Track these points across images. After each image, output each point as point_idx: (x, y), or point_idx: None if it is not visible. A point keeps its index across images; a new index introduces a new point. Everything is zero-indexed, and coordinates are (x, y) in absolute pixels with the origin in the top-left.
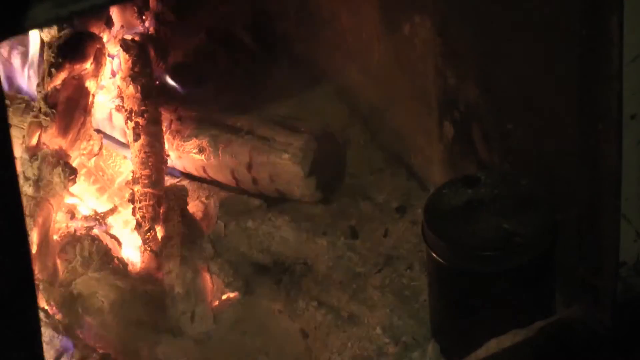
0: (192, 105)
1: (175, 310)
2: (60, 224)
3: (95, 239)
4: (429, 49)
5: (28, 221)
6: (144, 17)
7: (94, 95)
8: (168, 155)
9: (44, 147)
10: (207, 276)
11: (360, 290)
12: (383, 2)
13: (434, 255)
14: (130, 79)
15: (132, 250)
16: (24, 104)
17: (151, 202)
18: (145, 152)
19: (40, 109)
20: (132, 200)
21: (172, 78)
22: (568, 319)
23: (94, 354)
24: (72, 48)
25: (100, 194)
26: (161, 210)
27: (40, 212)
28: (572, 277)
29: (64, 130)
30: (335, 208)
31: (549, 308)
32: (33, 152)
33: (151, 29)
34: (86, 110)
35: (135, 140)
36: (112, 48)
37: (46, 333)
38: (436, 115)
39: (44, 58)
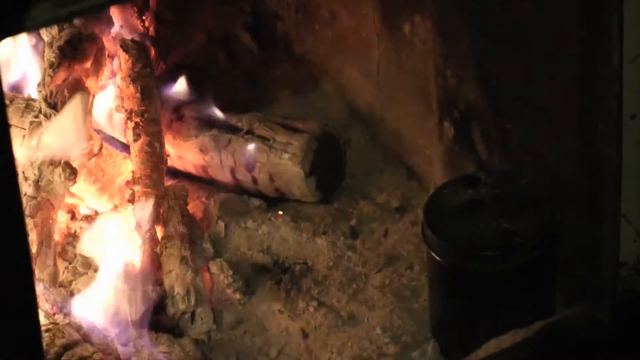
0: (192, 105)
1: (175, 310)
2: (60, 224)
3: None
4: (429, 49)
5: (28, 221)
6: (144, 17)
7: (94, 95)
8: (168, 155)
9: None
10: (207, 276)
11: (360, 290)
12: (383, 2)
13: (434, 255)
14: (130, 79)
15: (132, 250)
16: (24, 104)
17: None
18: (145, 152)
19: (40, 109)
20: (132, 201)
21: (172, 78)
22: (568, 319)
23: (94, 353)
24: (72, 48)
25: (100, 194)
26: (161, 210)
27: (40, 212)
28: (572, 277)
29: None
30: (335, 208)
31: (549, 308)
32: (33, 152)
33: (151, 29)
34: (86, 110)
35: (135, 140)
36: (112, 48)
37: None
38: (436, 115)
39: (44, 58)
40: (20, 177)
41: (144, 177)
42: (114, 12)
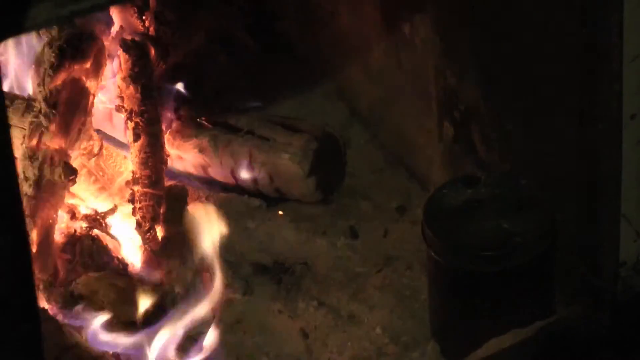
0: (192, 105)
1: (175, 310)
2: (60, 224)
3: (95, 239)
4: (429, 49)
5: (28, 221)
6: (144, 17)
7: (94, 95)
8: (168, 155)
9: (44, 147)
10: (207, 276)
11: (360, 290)
12: (383, 2)
13: (434, 255)
14: (130, 79)
15: (132, 250)
16: (24, 104)
17: (151, 202)
18: (145, 152)
19: (40, 109)
20: (132, 200)
21: (172, 78)
22: (568, 319)
23: (94, 354)
24: (72, 48)
25: (100, 194)
26: (161, 210)
27: (40, 212)
28: (572, 277)
29: (64, 130)
30: (335, 208)
31: (549, 308)
32: (33, 152)
33: (151, 29)
34: (86, 110)
35: (135, 140)
36: (112, 48)
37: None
38: (436, 115)
39: (44, 58)
40: (20, 177)
41: (144, 177)
42: (114, 12)
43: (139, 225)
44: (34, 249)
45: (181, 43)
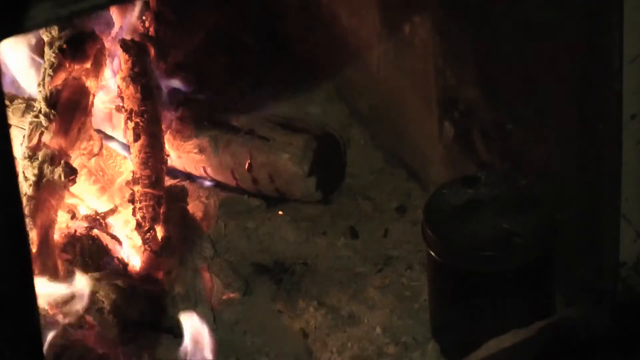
0: (193, 105)
1: (175, 310)
2: (60, 224)
3: (95, 239)
4: (429, 49)
5: (28, 221)
6: (144, 17)
7: (94, 95)
8: (168, 155)
9: (44, 147)
10: (207, 276)
11: (360, 290)
12: (383, 2)
13: (434, 255)
14: (130, 79)
15: (132, 250)
16: (24, 104)
17: (151, 203)
18: (145, 152)
19: (40, 109)
20: (132, 201)
21: (172, 78)
22: (568, 319)
23: (94, 354)
24: (72, 48)
25: (100, 194)
26: (161, 210)
27: (40, 212)
28: (572, 277)
29: (64, 130)
30: (335, 208)
31: (549, 308)
32: (33, 152)
33: (151, 29)
34: (86, 110)
35: (135, 140)
36: (112, 48)
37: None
38: (436, 115)
39: (44, 58)
40: (20, 177)
41: (144, 177)
42: (114, 12)
43: (139, 225)
44: (34, 249)
45: (181, 43)
